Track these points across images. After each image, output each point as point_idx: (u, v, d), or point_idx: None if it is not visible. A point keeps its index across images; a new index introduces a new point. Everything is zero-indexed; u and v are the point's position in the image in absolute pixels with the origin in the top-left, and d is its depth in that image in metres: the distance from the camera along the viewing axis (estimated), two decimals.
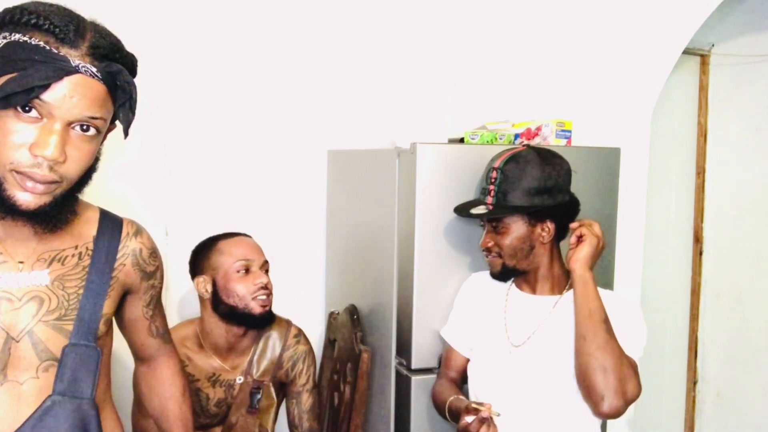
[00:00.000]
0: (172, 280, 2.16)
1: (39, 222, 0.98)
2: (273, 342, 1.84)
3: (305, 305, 2.37)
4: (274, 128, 2.31)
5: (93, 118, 0.94)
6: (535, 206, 1.53)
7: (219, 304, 1.73)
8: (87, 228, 1.11)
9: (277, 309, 1.92)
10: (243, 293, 1.72)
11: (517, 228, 1.55)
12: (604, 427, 1.75)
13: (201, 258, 1.79)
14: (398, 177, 1.86)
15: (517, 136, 2.11)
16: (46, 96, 0.90)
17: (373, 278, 2.03)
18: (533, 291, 1.62)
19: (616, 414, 1.44)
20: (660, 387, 3.15)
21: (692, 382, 3.20)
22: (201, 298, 1.79)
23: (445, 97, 2.48)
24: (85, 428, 1.05)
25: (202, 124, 2.21)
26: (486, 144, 1.99)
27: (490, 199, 1.57)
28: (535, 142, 2.11)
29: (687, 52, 2.63)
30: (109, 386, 1.20)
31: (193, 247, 1.85)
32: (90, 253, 1.09)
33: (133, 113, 1.02)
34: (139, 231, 1.20)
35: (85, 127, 0.94)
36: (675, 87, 2.91)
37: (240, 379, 1.77)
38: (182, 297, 2.20)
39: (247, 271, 1.74)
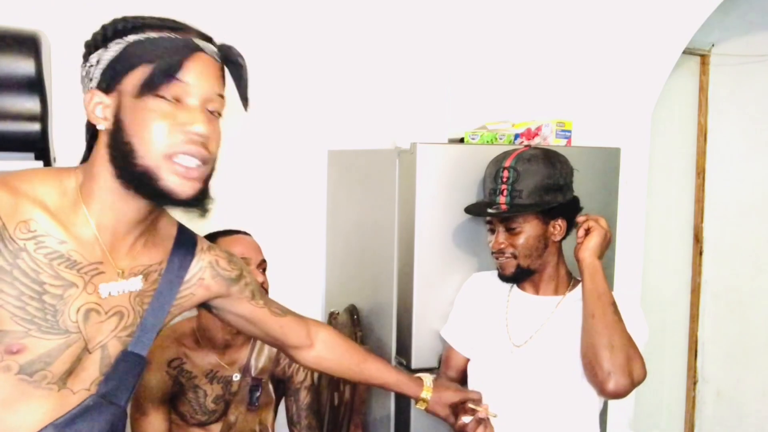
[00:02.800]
0: None
1: (193, 208, 0.99)
2: None
3: (305, 305, 2.36)
4: (274, 128, 2.31)
5: (220, 95, 1.00)
6: (550, 203, 1.53)
7: None
8: (167, 242, 1.12)
9: None
10: None
11: (531, 227, 1.54)
12: (603, 427, 1.75)
13: None
14: (398, 177, 1.86)
15: (517, 136, 2.11)
16: (183, 75, 0.93)
17: (373, 278, 2.03)
18: (536, 291, 1.62)
19: (623, 393, 1.44)
20: (660, 387, 3.16)
21: (692, 382, 3.20)
22: None
23: (446, 97, 2.48)
24: None
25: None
26: (486, 144, 1.99)
27: (503, 199, 1.55)
28: (535, 142, 2.12)
29: (687, 52, 2.64)
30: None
31: None
32: (164, 266, 1.10)
33: (247, 87, 1.07)
34: (211, 246, 1.22)
35: (212, 110, 0.98)
36: (675, 87, 2.91)
37: (237, 377, 1.77)
38: None
39: None
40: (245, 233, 1.84)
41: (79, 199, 0.97)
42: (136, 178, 0.93)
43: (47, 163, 1.86)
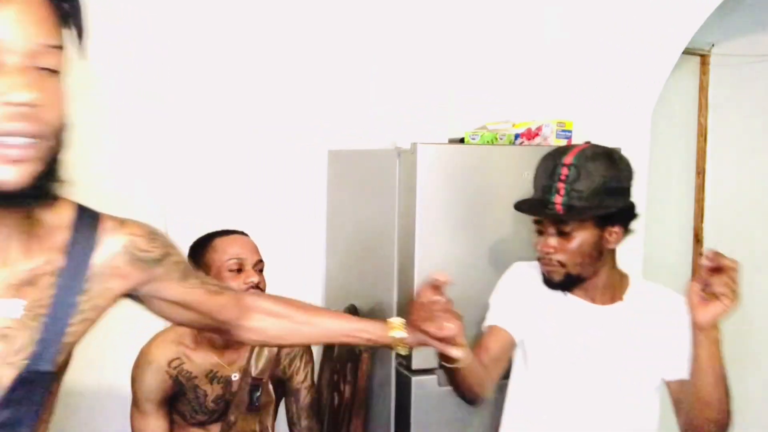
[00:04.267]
0: None
1: (35, 200, 0.81)
2: None
3: None
4: (275, 128, 2.31)
5: (53, 46, 0.79)
6: (609, 208, 1.39)
7: None
8: (60, 233, 0.90)
9: None
10: None
11: (586, 232, 1.40)
12: None
13: (196, 254, 1.79)
14: (398, 177, 1.86)
15: (517, 136, 2.11)
16: None
17: (373, 278, 2.03)
18: (592, 299, 1.48)
19: None
20: (660, 387, 3.15)
21: None
22: None
23: (445, 97, 2.48)
24: None
25: (203, 123, 2.21)
26: (486, 144, 1.99)
27: (559, 199, 1.39)
28: (536, 142, 2.11)
29: (687, 52, 2.64)
30: (50, 417, 0.97)
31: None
32: (59, 264, 0.89)
33: (82, 24, 0.87)
34: (122, 222, 0.98)
35: (43, 67, 0.78)
36: (675, 87, 2.91)
37: (235, 376, 1.77)
38: None
39: (240, 269, 1.74)
40: (242, 233, 1.83)
41: None
42: None
43: None
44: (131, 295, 1.03)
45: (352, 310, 2.06)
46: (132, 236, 0.98)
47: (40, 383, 0.87)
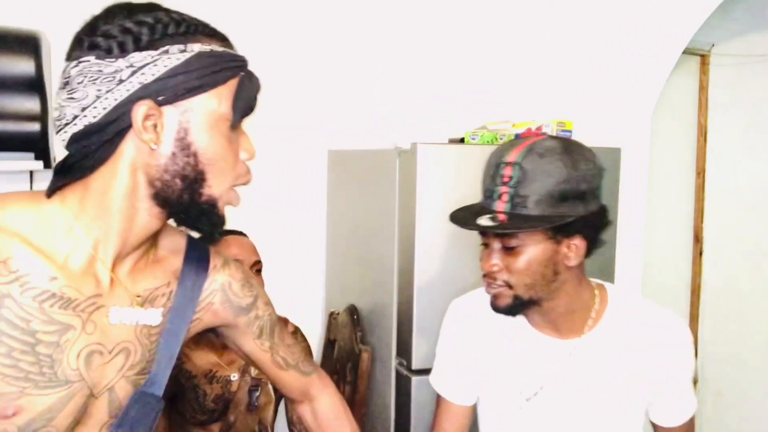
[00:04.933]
0: None
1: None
2: None
3: (305, 305, 2.36)
4: (275, 128, 2.31)
5: None
6: (564, 217, 1.11)
7: None
8: (175, 260, 0.97)
9: (277, 309, 1.91)
10: None
11: (537, 247, 1.13)
12: None
13: None
14: (398, 177, 1.86)
15: (517, 136, 2.11)
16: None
17: (373, 278, 2.03)
18: (554, 329, 1.24)
19: None
20: None
21: (692, 382, 3.20)
22: None
23: (446, 97, 2.48)
24: None
25: None
26: (486, 144, 1.99)
27: (501, 206, 1.13)
28: None
29: (687, 52, 2.63)
30: None
31: None
32: (174, 291, 0.95)
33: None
34: (226, 262, 1.04)
35: None
36: (675, 87, 2.91)
37: (234, 377, 1.77)
38: None
39: None
40: (240, 233, 1.83)
41: (70, 219, 0.82)
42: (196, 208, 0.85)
43: (47, 163, 1.86)
44: (212, 329, 1.07)
45: (352, 310, 2.06)
46: (231, 279, 1.04)
47: (152, 407, 0.92)
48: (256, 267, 1.79)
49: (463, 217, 1.19)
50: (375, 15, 2.42)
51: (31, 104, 1.80)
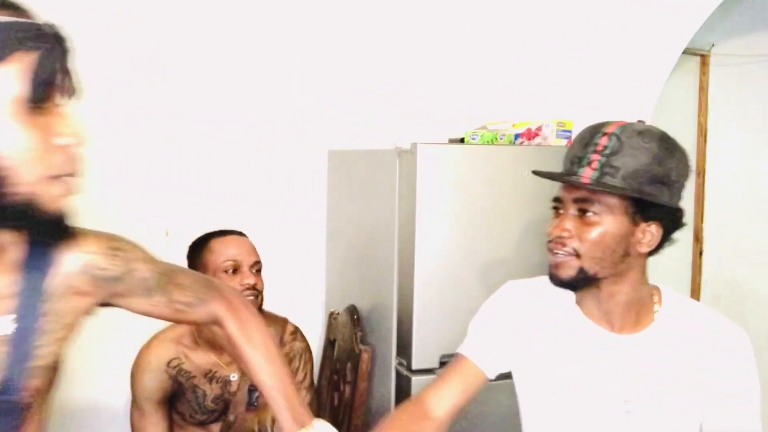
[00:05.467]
0: None
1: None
2: None
3: (305, 305, 2.36)
4: (275, 128, 2.31)
5: None
6: (650, 197, 1.08)
7: None
8: (14, 250, 0.86)
9: (277, 309, 1.91)
10: None
11: (614, 221, 1.10)
12: None
13: (194, 255, 1.79)
14: (398, 177, 1.86)
15: (517, 136, 2.11)
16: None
17: (373, 278, 2.03)
18: (610, 324, 1.17)
19: None
20: None
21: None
22: None
23: (445, 97, 2.48)
24: None
25: (203, 124, 2.21)
26: (486, 144, 1.99)
27: (589, 172, 1.09)
28: (535, 142, 2.11)
29: (687, 52, 2.64)
30: None
31: None
32: (19, 287, 0.85)
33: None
34: (82, 240, 0.94)
35: None
36: (675, 87, 2.91)
37: (234, 377, 1.77)
38: None
39: (236, 270, 1.74)
40: (239, 233, 1.83)
41: None
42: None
43: None
44: (106, 303, 0.99)
45: (352, 310, 2.06)
46: (89, 254, 0.94)
47: (11, 413, 0.84)
48: (256, 267, 1.78)
49: (550, 174, 1.16)
50: (375, 15, 2.42)
51: None
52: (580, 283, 1.13)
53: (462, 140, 2.03)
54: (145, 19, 2.09)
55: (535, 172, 1.19)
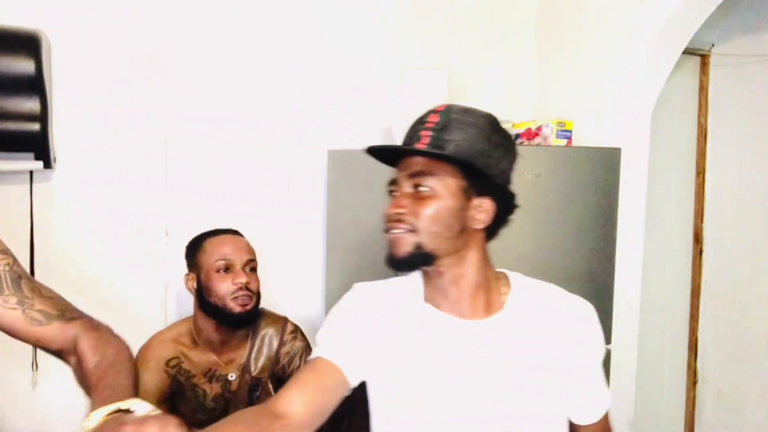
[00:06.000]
0: (171, 279, 2.16)
1: None
2: (270, 339, 1.84)
3: (305, 305, 2.36)
4: (275, 128, 2.31)
5: None
6: (482, 166, 1.07)
7: (203, 302, 1.75)
8: None
9: (276, 308, 1.92)
10: (222, 293, 1.71)
11: (448, 194, 1.08)
12: None
13: (190, 255, 1.80)
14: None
15: (517, 136, 2.12)
16: None
17: (373, 278, 2.03)
18: (459, 312, 1.13)
19: None
20: (660, 387, 3.15)
21: (692, 382, 3.20)
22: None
23: (445, 97, 2.48)
24: None
25: (203, 124, 2.21)
26: None
27: (418, 146, 1.09)
28: (535, 142, 2.12)
29: (687, 52, 2.63)
30: None
31: None
32: None
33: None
34: None
35: None
36: (675, 87, 2.91)
37: (232, 376, 1.78)
38: (183, 296, 2.20)
39: (228, 269, 1.74)
40: (233, 232, 1.83)
41: None
42: None
43: (47, 163, 1.86)
44: None
45: None
46: None
47: None
48: (249, 266, 1.78)
49: (381, 147, 1.14)
50: (374, 14, 2.42)
51: (31, 104, 1.80)
52: (418, 259, 1.10)
53: None
54: (145, 19, 2.10)
55: (369, 149, 1.16)
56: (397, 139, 2.01)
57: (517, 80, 2.67)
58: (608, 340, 2.22)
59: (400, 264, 1.12)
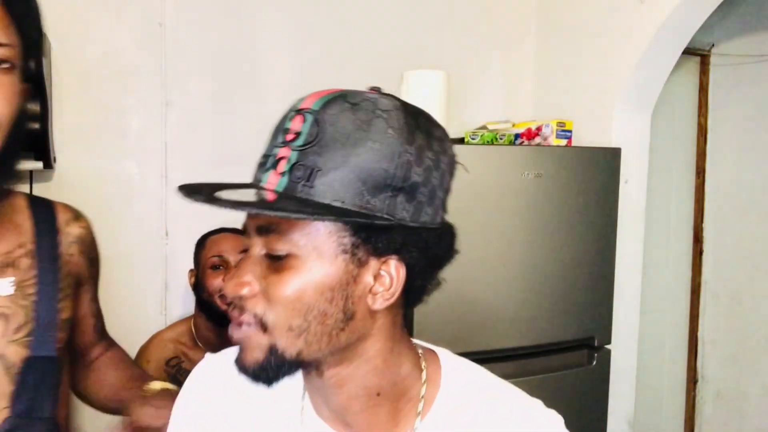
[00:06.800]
0: (171, 279, 2.16)
1: None
2: None
3: None
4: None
5: (1, 45, 0.82)
6: (377, 214, 0.62)
7: (198, 298, 1.76)
8: (21, 219, 0.95)
9: None
10: (212, 289, 1.72)
11: (322, 260, 0.62)
12: (604, 427, 1.74)
13: (195, 252, 1.83)
14: None
15: (517, 136, 2.12)
16: None
17: None
18: (348, 424, 0.70)
19: None
20: (660, 387, 3.15)
21: (692, 382, 3.20)
22: None
23: (445, 97, 2.48)
24: None
25: (203, 124, 2.21)
26: (486, 144, 1.99)
27: (275, 178, 0.64)
28: (535, 142, 2.11)
29: (687, 52, 2.63)
30: (68, 401, 1.04)
31: (192, 247, 1.86)
32: (35, 250, 0.94)
33: (39, 29, 0.88)
34: (77, 214, 1.05)
35: None
36: (675, 87, 2.91)
37: None
38: (183, 296, 2.20)
39: (221, 267, 1.75)
40: (233, 230, 1.84)
41: None
42: None
43: (47, 163, 1.86)
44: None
45: None
46: (85, 230, 1.05)
47: (47, 367, 0.91)
48: None
49: (203, 189, 0.64)
50: (374, 14, 2.42)
51: (31, 104, 1.80)
52: (276, 372, 0.64)
53: (462, 140, 2.03)
54: (144, 16, 2.09)
55: (181, 187, 0.65)
56: None
57: (517, 80, 2.67)
58: (608, 341, 2.23)
59: (252, 378, 0.65)
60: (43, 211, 0.99)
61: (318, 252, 0.62)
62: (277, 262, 0.63)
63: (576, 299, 2.10)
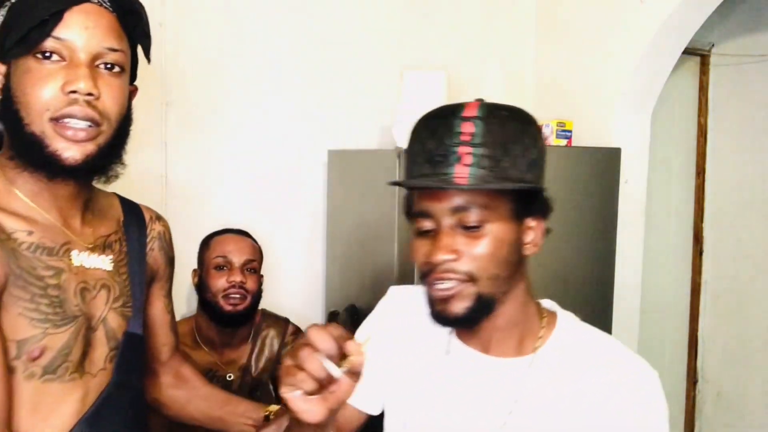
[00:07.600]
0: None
1: (86, 178, 0.96)
2: (271, 340, 1.85)
3: (305, 305, 2.36)
4: (275, 128, 2.31)
5: (113, 49, 0.92)
6: (536, 183, 0.87)
7: (201, 298, 1.77)
8: (114, 212, 1.09)
9: (277, 309, 1.92)
10: (216, 289, 1.74)
11: (501, 225, 0.86)
12: None
13: (199, 252, 1.84)
14: (398, 177, 1.86)
15: None
16: (62, 32, 0.88)
17: (373, 278, 2.03)
18: (486, 347, 0.93)
19: None
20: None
21: (692, 382, 3.20)
22: None
23: (445, 96, 2.48)
24: (137, 419, 1.03)
25: (203, 124, 2.21)
26: None
27: (463, 170, 0.83)
28: None
29: (687, 52, 2.63)
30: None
31: (191, 247, 1.87)
32: (124, 238, 1.07)
33: (149, 35, 1.00)
34: (158, 215, 1.18)
35: (109, 66, 0.92)
36: (675, 87, 2.91)
37: (230, 377, 1.78)
38: (184, 297, 2.20)
39: (225, 267, 1.75)
40: (239, 232, 1.84)
41: (9, 186, 0.94)
42: (25, 147, 0.90)
43: None
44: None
45: (352, 310, 2.06)
46: (165, 229, 1.17)
47: (138, 343, 1.04)
48: (248, 266, 1.79)
49: (418, 181, 0.87)
50: (374, 14, 2.42)
51: None
52: (480, 313, 0.87)
53: None
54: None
55: (394, 183, 0.97)
56: (398, 140, 2.01)
57: (516, 80, 2.67)
58: None
59: (457, 322, 0.88)
60: (131, 207, 1.13)
61: (499, 219, 0.85)
62: (472, 231, 0.85)
63: (576, 299, 2.10)
